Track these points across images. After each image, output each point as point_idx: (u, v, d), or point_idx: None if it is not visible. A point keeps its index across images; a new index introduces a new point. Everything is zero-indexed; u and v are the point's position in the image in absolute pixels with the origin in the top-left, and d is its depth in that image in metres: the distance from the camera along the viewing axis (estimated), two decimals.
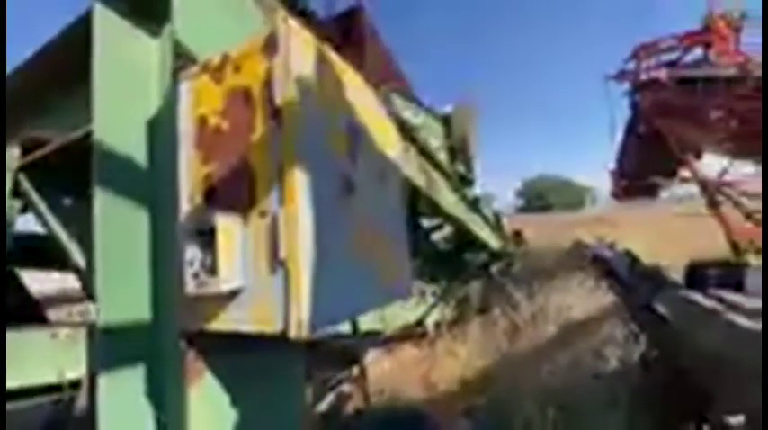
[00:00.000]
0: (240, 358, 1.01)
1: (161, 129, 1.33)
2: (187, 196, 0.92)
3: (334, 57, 0.96)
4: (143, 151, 1.31)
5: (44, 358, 1.56)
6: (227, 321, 0.82)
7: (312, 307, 0.76)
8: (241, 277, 0.79)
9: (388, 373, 3.88)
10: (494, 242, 5.39)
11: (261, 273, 0.79)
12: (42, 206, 1.55)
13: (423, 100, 3.77)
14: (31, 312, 1.82)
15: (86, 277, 1.73)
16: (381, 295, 1.06)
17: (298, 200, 0.77)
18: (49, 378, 1.58)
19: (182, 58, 1.05)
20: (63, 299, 3.74)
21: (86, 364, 1.68)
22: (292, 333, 0.74)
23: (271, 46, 0.83)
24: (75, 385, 1.66)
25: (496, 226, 5.90)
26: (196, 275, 0.78)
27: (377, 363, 4.09)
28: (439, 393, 3.58)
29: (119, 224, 1.22)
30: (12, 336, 1.46)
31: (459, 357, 4.15)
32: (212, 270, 0.77)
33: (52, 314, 3.45)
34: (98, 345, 1.13)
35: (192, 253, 0.80)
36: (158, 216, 1.29)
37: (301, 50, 0.83)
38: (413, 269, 1.31)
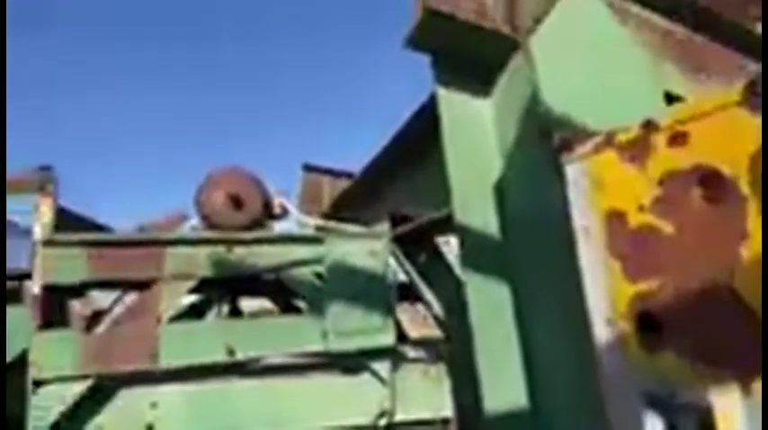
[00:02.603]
0: None
1: (509, 194, 1.25)
2: (603, 316, 0.69)
3: None
4: (494, 219, 1.27)
5: (419, 394, 1.78)
6: None
7: None
8: None
9: None
10: None
11: None
12: (406, 263, 1.82)
13: None
14: None
15: (435, 314, 1.90)
16: None
17: None
18: (425, 414, 1.79)
19: (559, 127, 0.86)
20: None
21: (453, 403, 1.84)
22: None
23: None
24: (444, 421, 1.85)
25: None
26: None
27: None
28: None
29: (482, 294, 1.20)
30: (391, 376, 1.72)
31: None
32: None
33: None
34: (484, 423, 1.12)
35: (652, 423, 0.55)
36: (519, 289, 1.21)
37: None
38: None
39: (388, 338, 1.58)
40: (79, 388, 1.29)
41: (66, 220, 1.45)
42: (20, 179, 1.39)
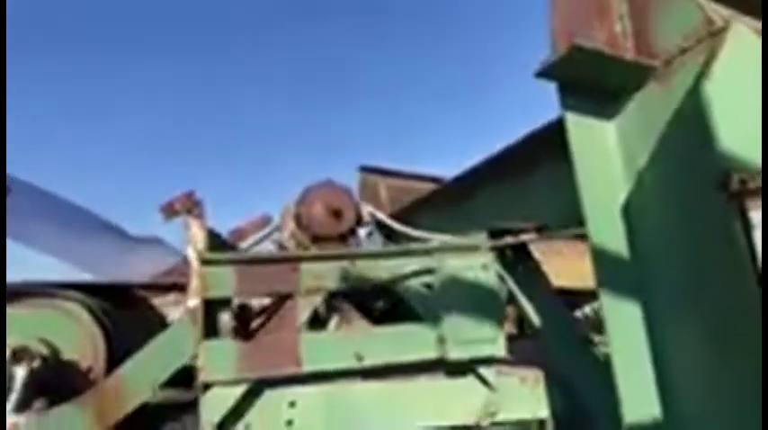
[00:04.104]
0: None
1: (638, 215, 1.31)
2: None
3: None
4: (624, 239, 1.34)
5: (519, 399, 1.88)
6: None
7: None
8: None
9: None
10: None
11: None
12: (504, 274, 1.90)
13: None
14: None
15: (533, 326, 1.98)
16: None
17: None
18: (524, 415, 1.90)
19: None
20: None
21: (549, 406, 1.94)
22: None
23: None
24: (541, 422, 1.95)
25: None
26: None
27: None
28: None
29: (617, 312, 1.27)
30: (495, 381, 1.82)
31: None
32: None
33: None
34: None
35: None
36: (649, 305, 1.28)
37: None
38: None
39: (500, 349, 1.69)
40: (238, 390, 1.46)
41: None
42: (171, 204, 1.55)
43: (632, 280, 1.28)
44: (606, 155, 1.38)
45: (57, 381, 1.52)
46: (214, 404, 1.43)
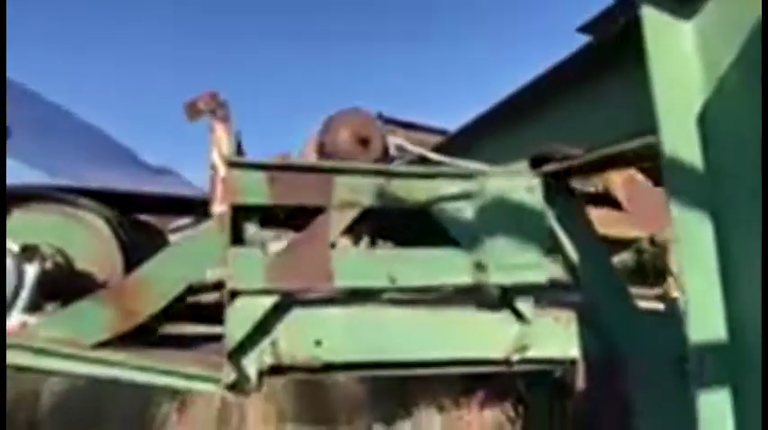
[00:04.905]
0: None
1: (716, 123, 1.20)
2: None
3: None
4: (697, 149, 1.23)
5: (551, 336, 1.80)
6: None
7: None
8: None
9: None
10: None
11: None
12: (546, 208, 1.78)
13: None
14: None
15: (572, 265, 1.88)
16: None
17: None
18: (555, 353, 1.83)
19: None
20: None
21: (580, 346, 1.87)
22: None
23: None
24: (572, 362, 1.88)
25: None
26: None
27: None
28: None
29: (691, 234, 1.18)
30: (531, 315, 1.74)
31: None
32: None
33: None
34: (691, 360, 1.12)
35: None
36: (721, 223, 1.18)
37: None
38: None
39: (542, 275, 1.59)
40: (267, 301, 1.37)
41: None
42: (194, 103, 1.41)
43: (704, 191, 1.18)
44: (684, 58, 1.25)
45: (70, 287, 1.42)
46: (241, 316, 1.34)
